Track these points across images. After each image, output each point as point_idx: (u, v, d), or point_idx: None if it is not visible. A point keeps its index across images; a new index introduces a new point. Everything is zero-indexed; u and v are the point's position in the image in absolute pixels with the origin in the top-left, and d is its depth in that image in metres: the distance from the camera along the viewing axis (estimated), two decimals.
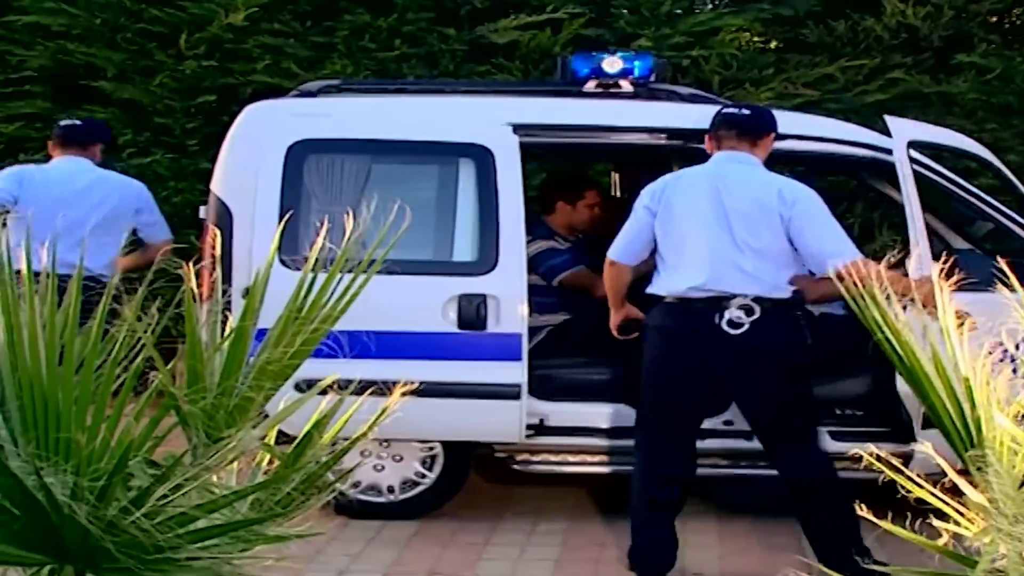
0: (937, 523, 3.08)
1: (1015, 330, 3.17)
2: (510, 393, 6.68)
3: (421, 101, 7.49)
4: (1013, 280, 3.26)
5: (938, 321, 3.16)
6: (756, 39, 10.82)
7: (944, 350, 3.15)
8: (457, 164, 6.94)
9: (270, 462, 3.19)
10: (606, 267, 6.42)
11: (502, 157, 6.85)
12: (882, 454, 3.23)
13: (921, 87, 10.08)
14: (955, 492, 3.11)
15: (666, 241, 6.13)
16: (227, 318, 3.19)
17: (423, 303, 6.74)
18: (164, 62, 10.02)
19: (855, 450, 3.39)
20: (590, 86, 7.25)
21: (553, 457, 7.05)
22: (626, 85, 7.23)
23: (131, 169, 9.91)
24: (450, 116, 7.12)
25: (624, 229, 6.32)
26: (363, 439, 3.16)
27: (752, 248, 5.99)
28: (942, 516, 3.07)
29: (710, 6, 10.68)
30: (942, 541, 3.07)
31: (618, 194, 9.45)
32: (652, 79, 7.28)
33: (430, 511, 7.07)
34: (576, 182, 8.19)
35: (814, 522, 6.09)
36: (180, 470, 2.73)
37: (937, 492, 3.09)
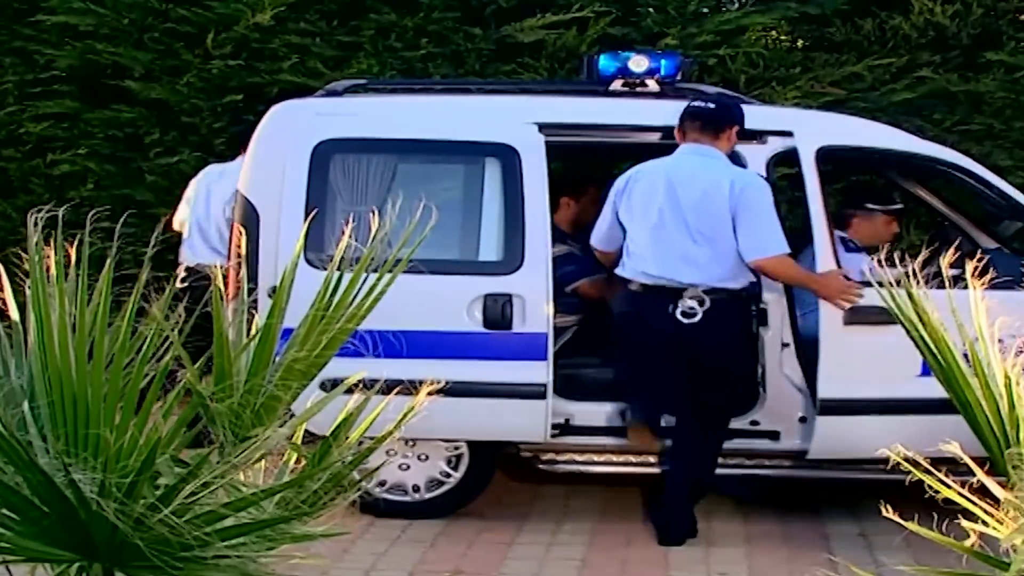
0: (965, 524, 3.07)
1: None
2: (535, 393, 6.68)
3: (447, 100, 7.49)
4: None
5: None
6: (783, 38, 10.78)
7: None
8: (483, 163, 6.94)
9: (297, 461, 3.20)
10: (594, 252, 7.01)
11: (528, 156, 6.84)
12: (910, 454, 3.21)
13: (949, 86, 10.03)
14: (982, 492, 3.09)
15: (628, 230, 6.72)
16: (253, 317, 3.20)
17: (449, 303, 6.74)
18: (191, 62, 10.04)
19: (881, 451, 3.37)
20: (616, 85, 7.24)
21: (579, 457, 7.05)
22: (652, 84, 7.21)
23: (157, 168, 9.98)
24: (476, 116, 7.12)
25: (600, 218, 6.94)
26: (389, 438, 3.17)
27: (706, 238, 6.44)
28: (969, 517, 3.06)
29: (736, 5, 10.64)
30: (969, 542, 3.06)
31: None
32: (678, 78, 7.27)
33: (455, 510, 7.08)
34: (579, 179, 8.20)
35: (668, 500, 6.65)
36: (207, 468, 2.73)
37: (965, 492, 3.07)
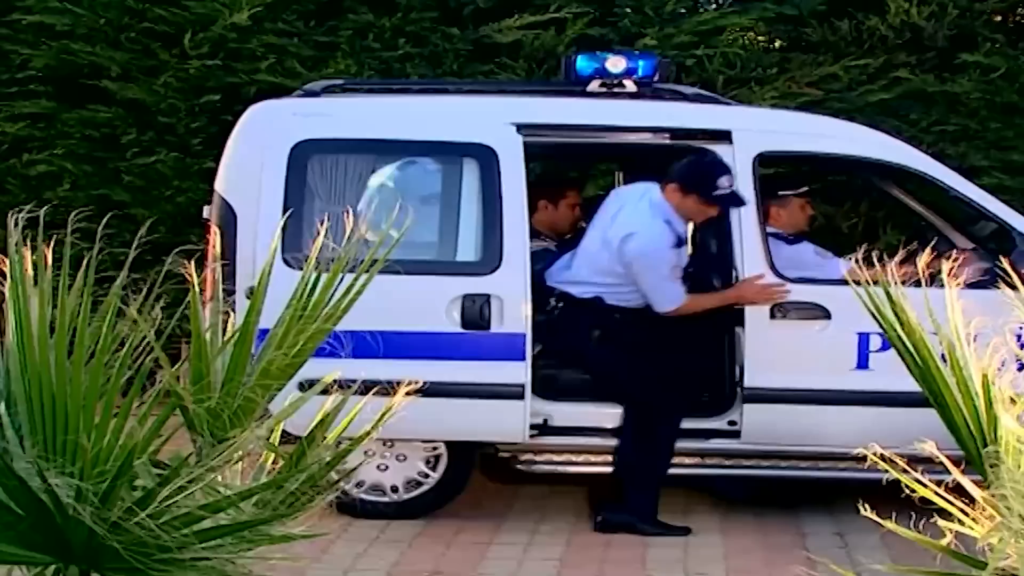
0: (941, 523, 3.08)
1: (1017, 328, 3.16)
2: (514, 393, 6.69)
3: (425, 101, 7.50)
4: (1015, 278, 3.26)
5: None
6: (760, 38, 10.81)
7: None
8: (461, 164, 6.95)
9: (274, 462, 3.19)
10: None
11: (506, 157, 6.85)
12: (887, 454, 3.22)
13: (925, 86, 10.07)
14: (958, 491, 3.11)
15: None
16: (228, 318, 3.19)
17: (428, 303, 6.75)
18: (168, 62, 10.01)
19: (859, 450, 3.39)
20: (594, 86, 7.25)
21: (557, 457, 7.05)
22: (630, 85, 7.23)
23: (135, 169, 9.94)
24: (454, 116, 7.13)
25: None
26: (367, 439, 3.16)
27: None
28: (946, 516, 3.07)
29: (714, 5, 10.66)
30: (946, 541, 3.07)
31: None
32: (656, 79, 7.28)
33: (434, 511, 7.07)
34: (558, 183, 8.22)
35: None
36: (185, 470, 2.73)
37: (941, 492, 3.09)
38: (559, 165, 9.20)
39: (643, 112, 7.20)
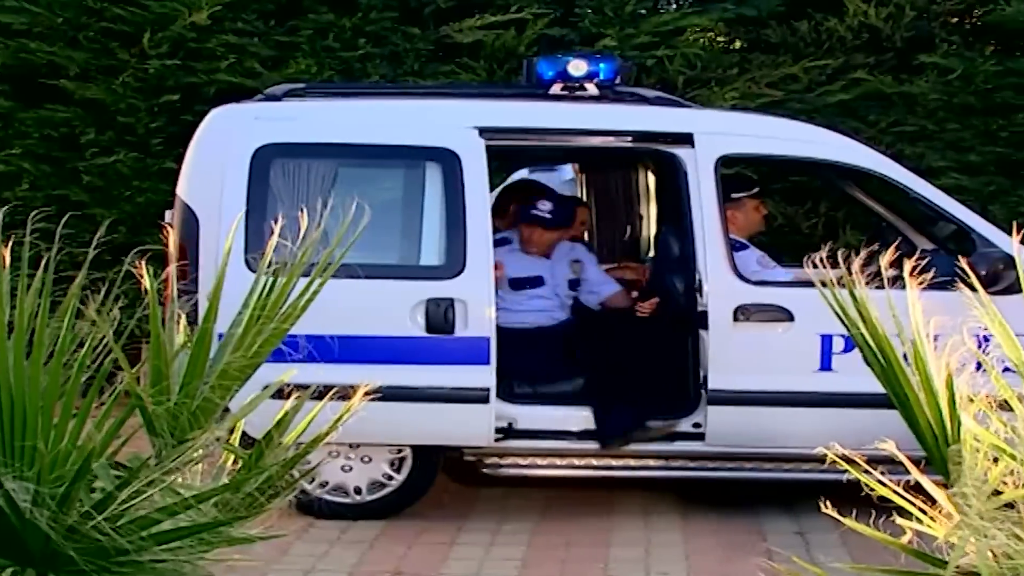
0: (901, 521, 3.09)
1: (976, 329, 3.18)
2: (479, 397, 6.68)
3: (387, 104, 7.48)
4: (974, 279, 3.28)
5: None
6: (720, 39, 10.85)
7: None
8: (424, 168, 6.94)
9: (234, 463, 3.18)
10: None
11: (468, 161, 6.84)
12: (848, 454, 3.24)
13: (883, 87, 10.13)
14: (918, 491, 3.12)
15: None
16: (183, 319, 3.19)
17: (392, 307, 6.74)
18: (127, 61, 9.96)
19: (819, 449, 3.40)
20: (556, 89, 7.26)
21: (522, 460, 7.05)
22: (592, 88, 7.24)
23: (94, 169, 9.88)
24: (416, 120, 7.12)
25: None
26: (324, 441, 3.16)
27: None
28: (905, 514, 3.09)
29: (674, 6, 10.70)
30: (906, 539, 3.09)
31: (583, 196, 9.48)
32: (617, 82, 7.30)
33: (397, 512, 7.06)
34: (529, 189, 8.23)
35: None
36: (144, 472, 2.71)
37: (900, 491, 3.10)
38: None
39: (605, 115, 7.21)
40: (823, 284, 3.35)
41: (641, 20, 10.20)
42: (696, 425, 6.95)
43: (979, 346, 3.19)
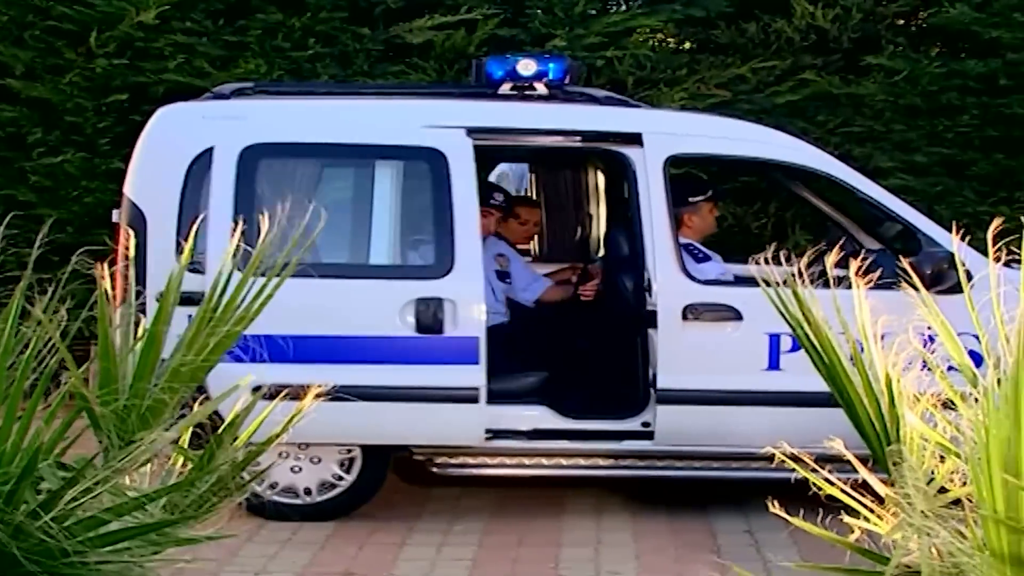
0: (849, 520, 3.12)
1: (921, 328, 3.21)
2: (469, 397, 6.69)
3: (336, 104, 7.46)
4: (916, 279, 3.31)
5: None
6: (669, 40, 10.90)
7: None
8: (373, 168, 6.93)
9: (184, 464, 3.17)
10: None
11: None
12: (796, 453, 3.26)
13: (831, 88, 10.20)
14: (865, 489, 3.15)
15: None
16: (140, 321, 3.17)
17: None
18: (74, 60, 9.87)
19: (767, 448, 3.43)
20: (505, 89, 7.27)
21: (472, 460, 7.05)
22: (541, 88, 7.25)
23: (41, 169, 9.80)
24: (365, 119, 7.12)
25: None
26: (277, 441, 3.15)
27: None
28: (853, 513, 3.11)
29: (624, 7, 10.73)
30: (853, 537, 3.11)
31: (534, 195, 9.50)
32: (567, 81, 7.32)
33: (347, 513, 7.05)
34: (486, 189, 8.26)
35: None
36: (91, 473, 2.70)
37: (848, 489, 3.13)
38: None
39: (554, 115, 7.23)
40: (767, 283, 3.37)
41: (591, 21, 10.22)
42: (645, 424, 6.97)
43: (924, 345, 3.22)
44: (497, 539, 6.78)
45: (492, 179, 9.20)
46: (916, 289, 3.21)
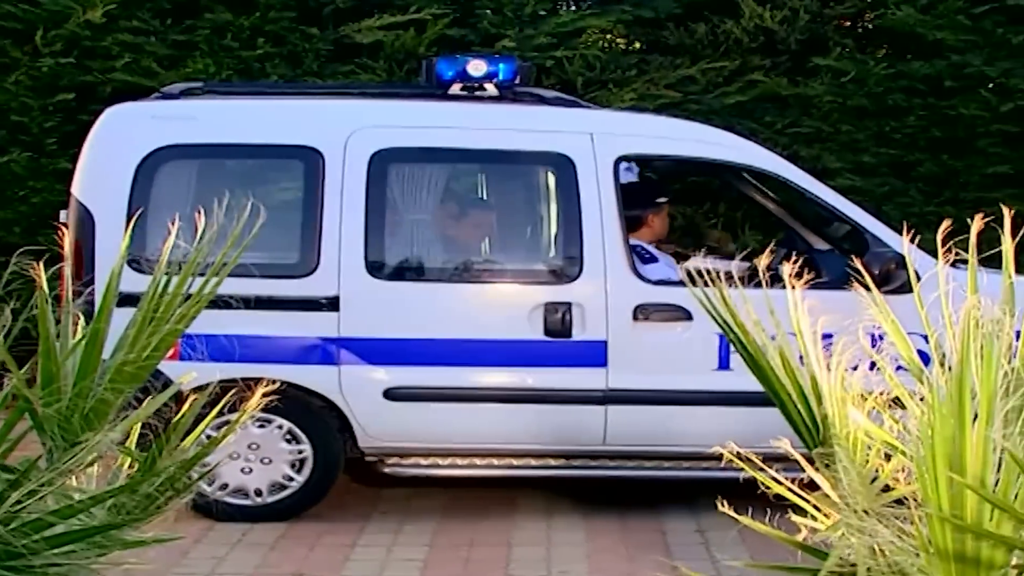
0: (795, 518, 3.13)
1: (870, 327, 3.23)
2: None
3: (285, 104, 7.44)
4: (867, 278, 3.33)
5: None
6: (619, 41, 10.93)
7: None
8: (323, 167, 6.91)
9: (131, 465, 3.15)
10: None
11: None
12: (744, 453, 3.27)
13: (779, 89, 10.27)
14: (812, 487, 3.17)
15: None
16: (79, 320, 3.15)
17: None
18: (19, 59, 9.79)
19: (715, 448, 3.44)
20: (455, 89, 7.27)
21: (424, 460, 7.04)
22: (491, 88, 7.26)
23: None
24: (314, 120, 7.11)
25: None
26: (225, 440, 3.13)
27: None
28: (800, 511, 3.13)
29: (573, 8, 10.75)
30: (801, 536, 3.13)
31: (484, 196, 9.48)
32: (516, 82, 7.32)
33: (298, 514, 7.02)
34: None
35: None
36: (35, 475, 2.67)
37: (795, 488, 3.14)
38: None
39: (504, 115, 7.23)
40: (693, 282, 3.38)
41: (540, 21, 10.24)
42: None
43: (873, 345, 3.24)
44: (448, 539, 6.77)
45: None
46: (868, 289, 3.23)
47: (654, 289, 6.95)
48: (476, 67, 7.22)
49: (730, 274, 3.42)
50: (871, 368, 3.23)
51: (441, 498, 7.43)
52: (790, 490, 3.12)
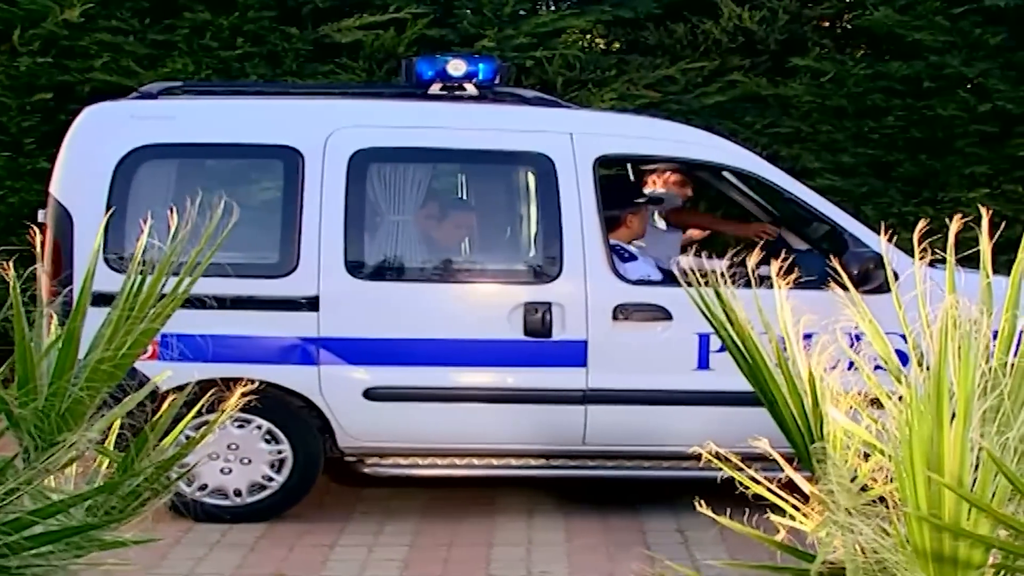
0: (774, 518, 3.14)
1: (848, 327, 3.24)
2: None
3: (265, 104, 7.43)
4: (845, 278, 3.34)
5: None
6: (599, 41, 10.94)
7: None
8: (303, 167, 6.90)
9: (110, 465, 3.14)
10: None
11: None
12: (723, 452, 3.28)
13: (759, 89, 10.29)
14: (791, 487, 3.17)
15: None
16: (52, 319, 3.14)
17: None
18: None
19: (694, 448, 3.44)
20: (435, 89, 7.27)
21: (403, 460, 7.04)
22: (471, 88, 7.26)
23: None
24: (293, 119, 7.10)
25: None
26: (204, 440, 3.13)
27: None
28: (779, 511, 3.14)
29: (553, 8, 10.76)
30: (780, 536, 3.13)
31: (464, 196, 9.48)
32: (496, 82, 7.33)
33: (278, 514, 7.00)
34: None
35: None
36: (12, 474, 2.66)
37: (774, 488, 3.15)
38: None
39: (484, 115, 7.23)
40: (688, 283, 3.38)
41: (520, 21, 10.24)
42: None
43: (851, 344, 3.25)
44: (428, 539, 6.77)
45: None
46: (845, 289, 3.24)
47: (634, 289, 6.96)
48: (456, 67, 7.22)
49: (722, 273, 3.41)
50: (850, 368, 3.24)
51: (421, 498, 7.43)
52: (769, 490, 3.12)
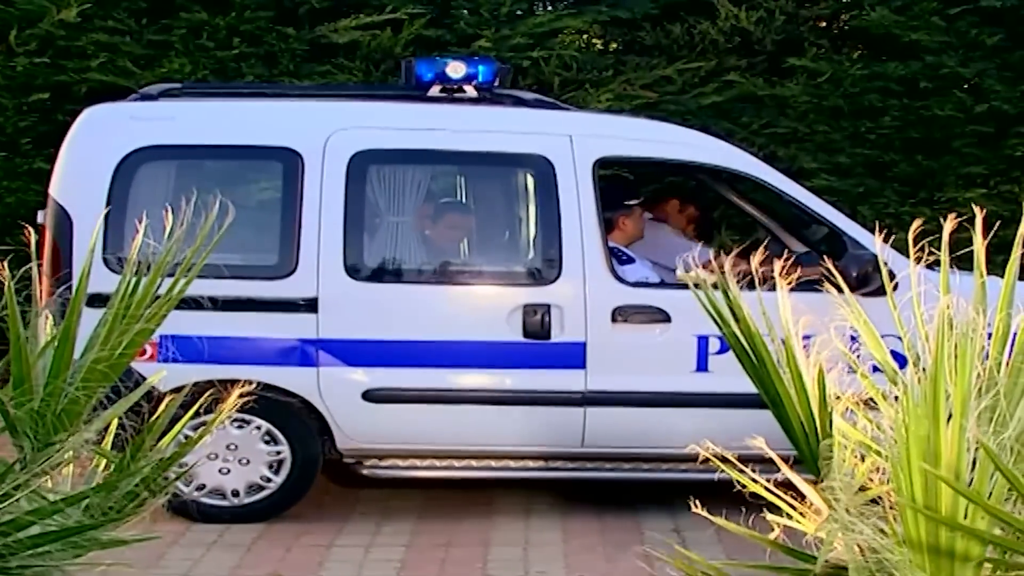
0: (771, 518, 3.15)
1: (843, 328, 3.24)
2: None
3: (264, 105, 7.44)
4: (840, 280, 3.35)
5: None
6: (595, 41, 10.94)
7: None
8: (303, 168, 6.90)
9: (107, 466, 3.14)
10: None
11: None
12: (720, 453, 3.28)
13: (755, 90, 10.29)
14: (787, 487, 3.18)
15: None
16: (48, 320, 3.15)
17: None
18: None
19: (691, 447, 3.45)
20: (435, 91, 7.27)
21: (401, 462, 7.04)
22: (470, 90, 7.26)
23: None
24: (293, 120, 7.11)
25: None
26: (202, 441, 3.13)
27: None
28: (776, 511, 3.14)
29: (550, 8, 10.76)
30: (774, 535, 3.14)
31: (464, 198, 9.49)
32: (496, 84, 7.33)
33: (276, 515, 7.01)
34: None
35: None
36: (10, 476, 2.67)
37: (771, 488, 3.15)
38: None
39: (483, 117, 7.24)
40: (696, 285, 3.38)
41: (517, 22, 10.24)
42: None
43: (848, 346, 3.25)
44: (426, 540, 6.77)
45: None
46: (840, 291, 3.24)
47: (632, 291, 6.97)
48: (455, 69, 7.23)
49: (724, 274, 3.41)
50: (847, 370, 3.24)
51: (419, 499, 7.44)
52: (768, 490, 3.13)
